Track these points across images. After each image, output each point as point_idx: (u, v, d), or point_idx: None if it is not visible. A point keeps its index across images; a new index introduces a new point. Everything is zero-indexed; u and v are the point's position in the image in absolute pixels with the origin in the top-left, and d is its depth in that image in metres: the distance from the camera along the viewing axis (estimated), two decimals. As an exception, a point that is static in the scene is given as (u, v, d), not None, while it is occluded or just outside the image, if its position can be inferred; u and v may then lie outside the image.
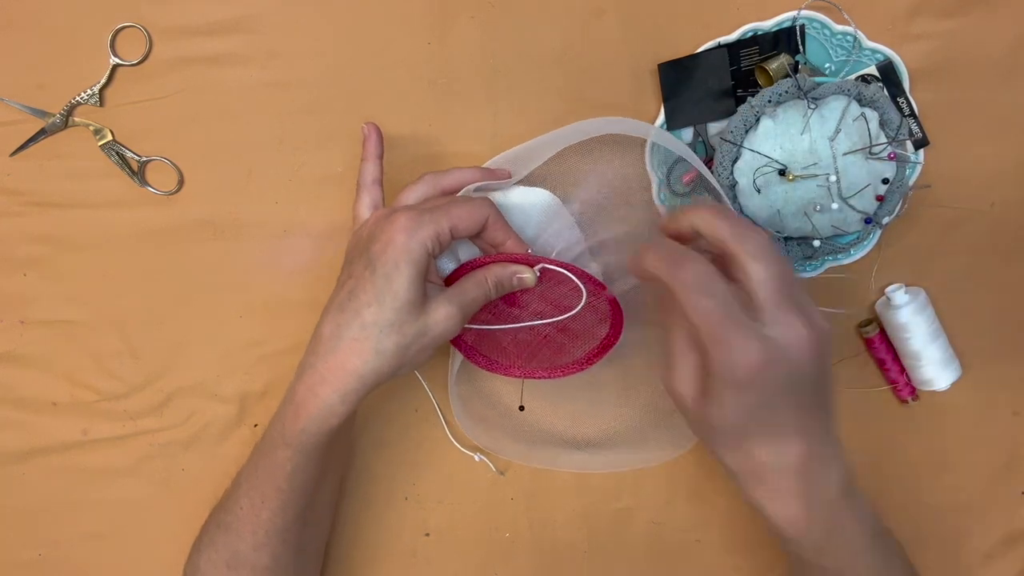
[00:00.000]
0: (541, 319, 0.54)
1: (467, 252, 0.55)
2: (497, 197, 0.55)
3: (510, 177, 0.55)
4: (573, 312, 0.53)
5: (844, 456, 0.47)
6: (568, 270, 0.52)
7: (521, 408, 0.60)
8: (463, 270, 0.53)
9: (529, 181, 0.57)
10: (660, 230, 0.49)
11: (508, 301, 0.55)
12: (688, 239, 0.47)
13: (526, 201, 0.56)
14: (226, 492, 0.54)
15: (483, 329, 0.55)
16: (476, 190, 0.54)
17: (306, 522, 0.53)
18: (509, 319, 0.55)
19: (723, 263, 0.44)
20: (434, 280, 0.53)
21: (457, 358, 0.58)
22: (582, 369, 0.56)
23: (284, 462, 0.50)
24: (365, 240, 0.50)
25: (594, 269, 0.55)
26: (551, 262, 0.52)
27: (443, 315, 0.49)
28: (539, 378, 0.57)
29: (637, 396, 0.62)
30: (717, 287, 0.42)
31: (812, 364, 0.42)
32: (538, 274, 0.53)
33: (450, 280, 0.54)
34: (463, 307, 0.50)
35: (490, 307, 0.55)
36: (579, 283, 0.53)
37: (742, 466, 0.46)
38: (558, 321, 0.55)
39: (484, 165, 0.56)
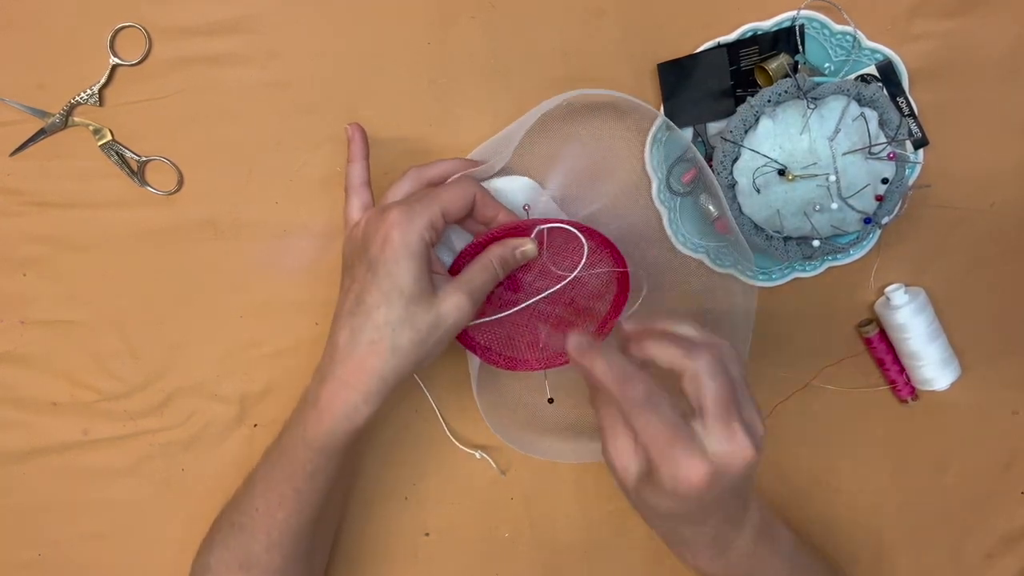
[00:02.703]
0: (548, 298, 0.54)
1: (461, 239, 0.55)
2: None
3: (491, 166, 0.55)
4: (581, 265, 0.53)
5: (756, 506, 0.51)
6: (568, 224, 0.52)
7: (550, 400, 0.59)
8: (463, 259, 0.53)
9: (507, 171, 0.57)
10: (617, 339, 0.50)
11: (511, 288, 0.55)
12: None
13: (507, 189, 0.56)
14: (238, 493, 0.54)
15: (493, 320, 0.55)
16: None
17: (318, 525, 0.53)
18: (515, 306, 0.55)
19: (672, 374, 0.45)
20: (439, 271, 0.53)
21: (474, 363, 0.57)
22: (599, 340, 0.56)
23: (305, 463, 0.50)
24: (361, 242, 0.50)
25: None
26: (549, 221, 0.52)
27: (453, 304, 0.49)
28: (560, 365, 0.56)
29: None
30: (662, 403, 0.43)
31: (745, 477, 0.44)
32: (537, 241, 0.52)
33: (453, 271, 0.54)
34: (472, 293, 0.50)
35: (494, 299, 0.55)
36: (578, 233, 0.52)
37: (667, 535, 0.51)
38: (568, 282, 0.54)
39: (468, 156, 0.56)
